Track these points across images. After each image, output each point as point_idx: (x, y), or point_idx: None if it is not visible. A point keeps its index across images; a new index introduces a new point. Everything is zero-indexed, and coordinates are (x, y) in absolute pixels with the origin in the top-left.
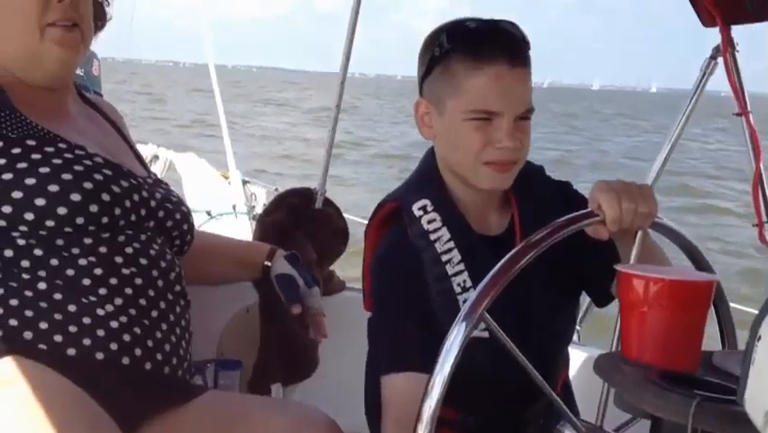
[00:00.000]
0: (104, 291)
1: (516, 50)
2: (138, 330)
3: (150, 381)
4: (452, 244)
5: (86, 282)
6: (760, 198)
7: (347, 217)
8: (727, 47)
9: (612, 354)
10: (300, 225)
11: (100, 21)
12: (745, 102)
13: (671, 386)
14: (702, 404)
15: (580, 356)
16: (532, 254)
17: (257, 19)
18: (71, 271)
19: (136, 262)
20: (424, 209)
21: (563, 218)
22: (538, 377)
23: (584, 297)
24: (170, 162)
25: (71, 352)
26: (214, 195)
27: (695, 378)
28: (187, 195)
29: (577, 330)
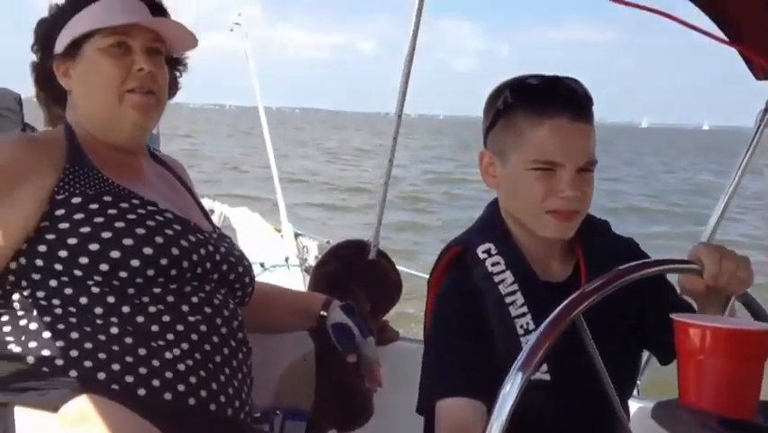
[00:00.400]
0: (171, 337)
1: (578, 104)
2: (203, 373)
3: (214, 422)
4: (515, 286)
5: (155, 328)
6: None
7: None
8: None
9: (669, 401)
10: (354, 276)
11: (172, 90)
12: None
13: None
14: None
15: (640, 411)
16: (595, 297)
17: (301, 61)
18: (141, 318)
19: (201, 311)
20: (488, 252)
21: (655, 259)
22: (612, 393)
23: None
24: (225, 216)
25: (141, 392)
26: (267, 247)
27: (753, 425)
28: (241, 247)
29: (637, 385)
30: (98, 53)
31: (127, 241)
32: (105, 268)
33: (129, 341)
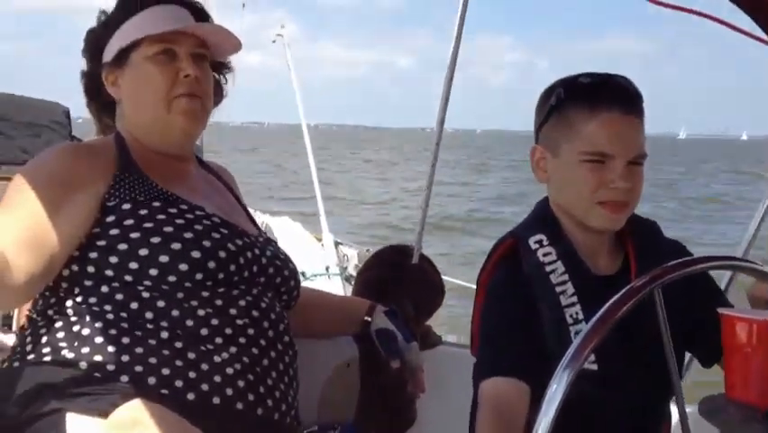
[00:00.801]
0: (219, 340)
1: (629, 99)
2: (251, 377)
3: (262, 425)
4: (566, 276)
5: (204, 332)
6: None
7: None
8: None
9: (716, 396)
10: (398, 280)
11: (217, 96)
12: None
13: None
14: None
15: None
16: (643, 292)
17: (338, 78)
18: (191, 322)
19: (249, 314)
20: (540, 243)
21: (722, 255)
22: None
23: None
24: (267, 225)
25: (191, 396)
26: (307, 256)
27: None
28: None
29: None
30: (146, 61)
31: (175, 245)
32: (154, 273)
33: (178, 345)
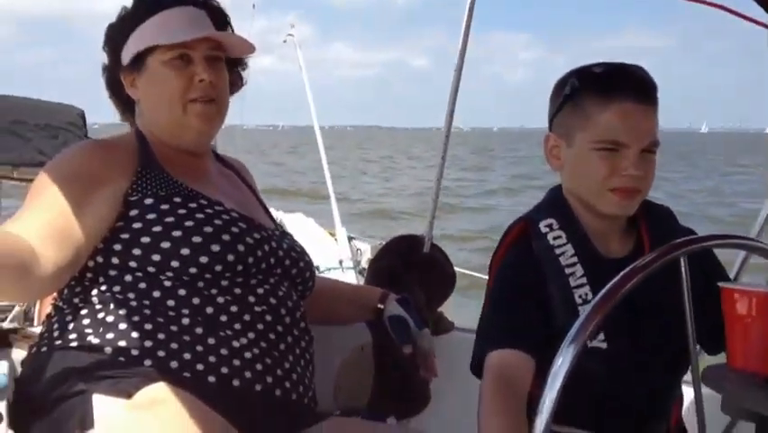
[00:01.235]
0: (238, 326)
1: (643, 88)
2: (269, 361)
3: (280, 406)
4: (575, 259)
5: (224, 318)
6: None
7: None
8: None
9: (719, 365)
10: (409, 269)
11: (236, 86)
12: None
13: None
14: None
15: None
16: (646, 272)
17: (352, 79)
18: (210, 309)
19: (266, 302)
20: (550, 227)
21: (734, 234)
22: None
23: None
24: (281, 221)
25: (211, 379)
26: (321, 251)
27: None
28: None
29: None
30: (161, 66)
31: (196, 239)
32: (175, 264)
33: (199, 331)
